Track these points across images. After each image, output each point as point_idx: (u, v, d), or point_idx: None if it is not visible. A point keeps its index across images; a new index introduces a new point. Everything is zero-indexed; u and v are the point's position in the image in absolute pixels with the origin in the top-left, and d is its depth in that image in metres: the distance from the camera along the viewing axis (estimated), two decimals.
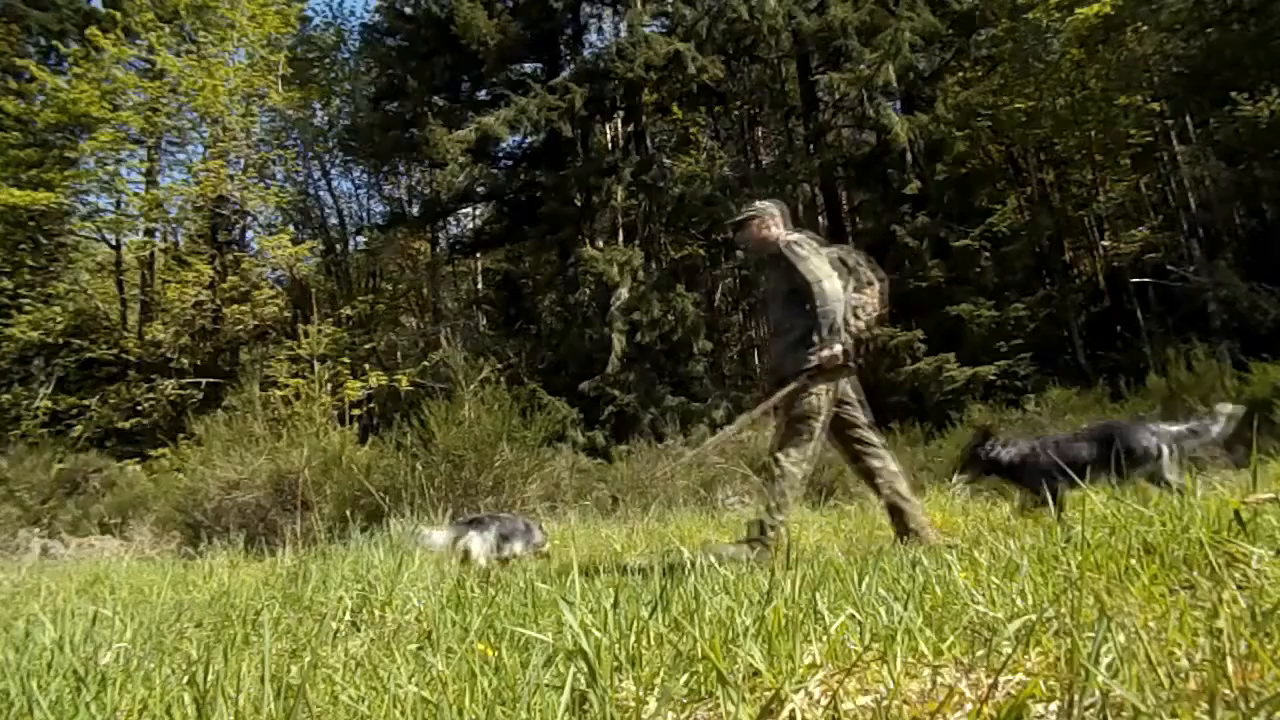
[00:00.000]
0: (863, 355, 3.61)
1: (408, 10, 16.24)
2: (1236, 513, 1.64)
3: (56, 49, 16.01)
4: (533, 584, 2.19)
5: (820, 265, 3.43)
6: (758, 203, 3.82)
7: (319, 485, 7.40)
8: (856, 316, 3.52)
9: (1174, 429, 3.50)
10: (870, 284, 3.62)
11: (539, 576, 2.64)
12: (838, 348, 3.36)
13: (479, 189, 16.91)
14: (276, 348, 15.17)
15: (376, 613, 2.25)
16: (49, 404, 14.22)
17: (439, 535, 3.91)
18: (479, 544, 3.85)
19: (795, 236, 3.58)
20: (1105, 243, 16.30)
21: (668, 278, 15.07)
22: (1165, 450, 3.37)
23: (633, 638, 1.35)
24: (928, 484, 7.19)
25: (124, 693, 1.45)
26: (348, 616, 2.20)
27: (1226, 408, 3.61)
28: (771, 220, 3.68)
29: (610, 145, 16.53)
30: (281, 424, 8.83)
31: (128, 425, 14.27)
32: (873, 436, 3.64)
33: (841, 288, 3.45)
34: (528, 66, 16.52)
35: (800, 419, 3.45)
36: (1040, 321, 14.22)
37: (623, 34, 14.82)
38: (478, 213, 18.93)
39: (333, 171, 19.84)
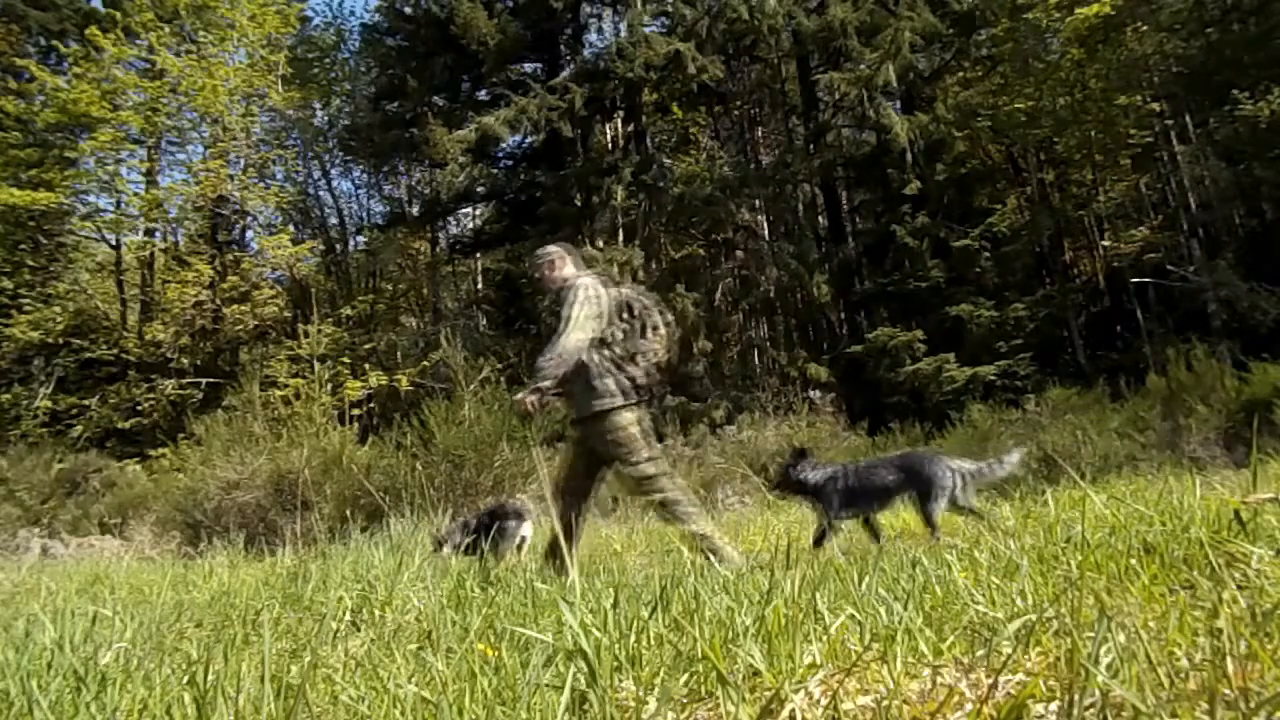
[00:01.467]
0: (651, 399, 3.69)
1: (408, 10, 16.25)
2: (1236, 513, 1.64)
3: (56, 49, 16.01)
4: (532, 584, 2.19)
5: (581, 317, 3.51)
6: (549, 246, 3.90)
7: (319, 485, 7.40)
8: (636, 363, 3.57)
9: (968, 465, 3.74)
10: (656, 329, 3.65)
11: (539, 576, 2.64)
12: (530, 395, 3.47)
13: (479, 189, 16.92)
14: (276, 348, 15.17)
15: (376, 613, 2.24)
16: (49, 404, 14.22)
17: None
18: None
19: (581, 280, 3.66)
20: (1105, 243, 16.30)
21: (668, 278, 15.07)
22: (958, 482, 3.62)
23: (633, 638, 1.35)
24: None
25: (124, 693, 1.45)
26: (348, 616, 2.20)
27: (1015, 455, 3.92)
28: (561, 262, 3.80)
29: (610, 145, 16.53)
30: (281, 424, 8.84)
31: (128, 425, 14.27)
32: (649, 472, 3.64)
33: (585, 337, 3.52)
34: (528, 66, 16.53)
35: (626, 456, 3.52)
36: (1040, 321, 14.22)
37: (623, 34, 14.83)
38: (478, 213, 18.95)
39: (333, 171, 19.85)
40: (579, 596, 1.49)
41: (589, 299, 3.55)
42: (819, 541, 3.59)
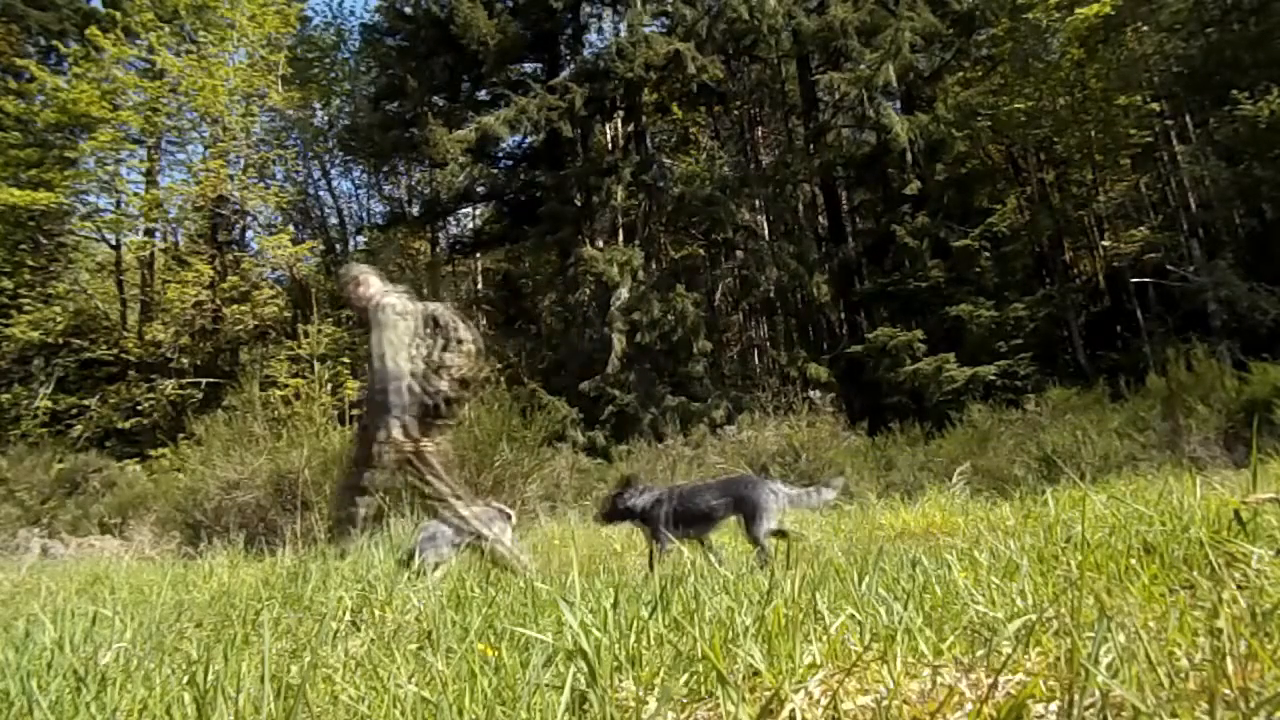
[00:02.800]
0: (455, 413, 3.74)
1: (408, 10, 16.25)
2: (1236, 513, 1.64)
3: (56, 49, 16.01)
4: (533, 584, 2.19)
5: (391, 337, 3.56)
6: (352, 265, 4.02)
7: (319, 485, 7.40)
8: (440, 377, 3.62)
9: (791, 490, 3.85)
10: (461, 343, 3.70)
11: (539, 576, 2.64)
12: (396, 430, 3.49)
13: (479, 189, 16.93)
14: (276, 348, 15.18)
15: (376, 613, 2.24)
16: (49, 404, 14.22)
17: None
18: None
19: (387, 300, 3.70)
20: (1105, 243, 16.31)
21: (668, 278, 15.07)
22: (783, 505, 3.72)
23: (633, 638, 1.35)
24: (927, 484, 7.18)
25: (124, 693, 1.45)
26: (348, 616, 2.20)
27: (839, 481, 4.15)
28: (365, 281, 3.84)
29: (610, 145, 16.53)
30: (281, 424, 8.84)
31: (128, 425, 14.27)
32: (444, 490, 3.71)
33: (404, 360, 3.56)
34: (528, 66, 16.53)
35: (419, 473, 3.59)
36: (1040, 321, 14.23)
37: (623, 34, 14.82)
38: (478, 213, 18.95)
39: (333, 171, 19.88)
40: (579, 596, 1.49)
41: (398, 317, 3.61)
42: (652, 565, 3.64)
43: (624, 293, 13.71)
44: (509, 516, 3.98)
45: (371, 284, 3.82)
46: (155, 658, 1.77)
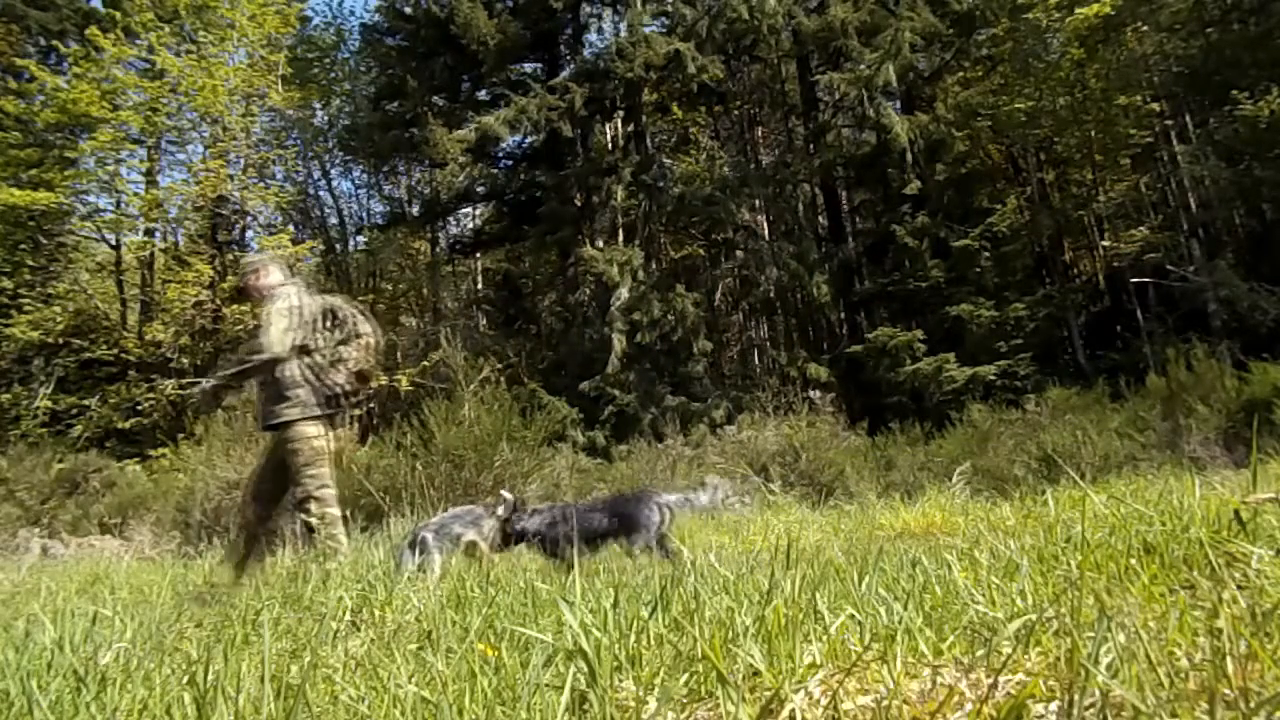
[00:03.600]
0: (351, 406, 3.84)
1: (408, 10, 16.24)
2: (1236, 513, 1.64)
3: (56, 49, 16.00)
4: (533, 584, 2.20)
5: (279, 322, 3.63)
6: (255, 255, 4.11)
7: None
8: (338, 370, 3.67)
9: (673, 498, 3.97)
10: (359, 337, 3.74)
11: (539, 576, 2.64)
12: (285, 409, 3.57)
13: (479, 189, 16.92)
14: None
15: (376, 613, 2.24)
16: (49, 404, 14.21)
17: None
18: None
19: (285, 288, 3.76)
20: (1105, 243, 16.30)
21: (668, 278, 15.07)
22: (667, 517, 3.82)
23: (633, 638, 1.35)
24: (927, 484, 7.18)
25: (124, 693, 1.45)
26: (348, 616, 2.20)
27: (714, 479, 4.26)
28: (266, 271, 3.88)
29: (610, 145, 16.53)
30: None
31: (128, 425, 14.26)
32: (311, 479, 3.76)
33: (288, 344, 3.62)
34: (528, 66, 16.53)
35: (303, 468, 3.66)
36: (1040, 321, 14.22)
37: (623, 34, 14.82)
38: (478, 213, 18.95)
39: (333, 171, 19.87)
40: (579, 596, 1.49)
41: (291, 307, 3.67)
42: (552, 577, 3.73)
43: (624, 293, 13.71)
44: (507, 502, 4.01)
45: (272, 274, 3.86)
46: (155, 658, 1.77)
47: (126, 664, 1.69)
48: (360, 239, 20.32)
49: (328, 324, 3.72)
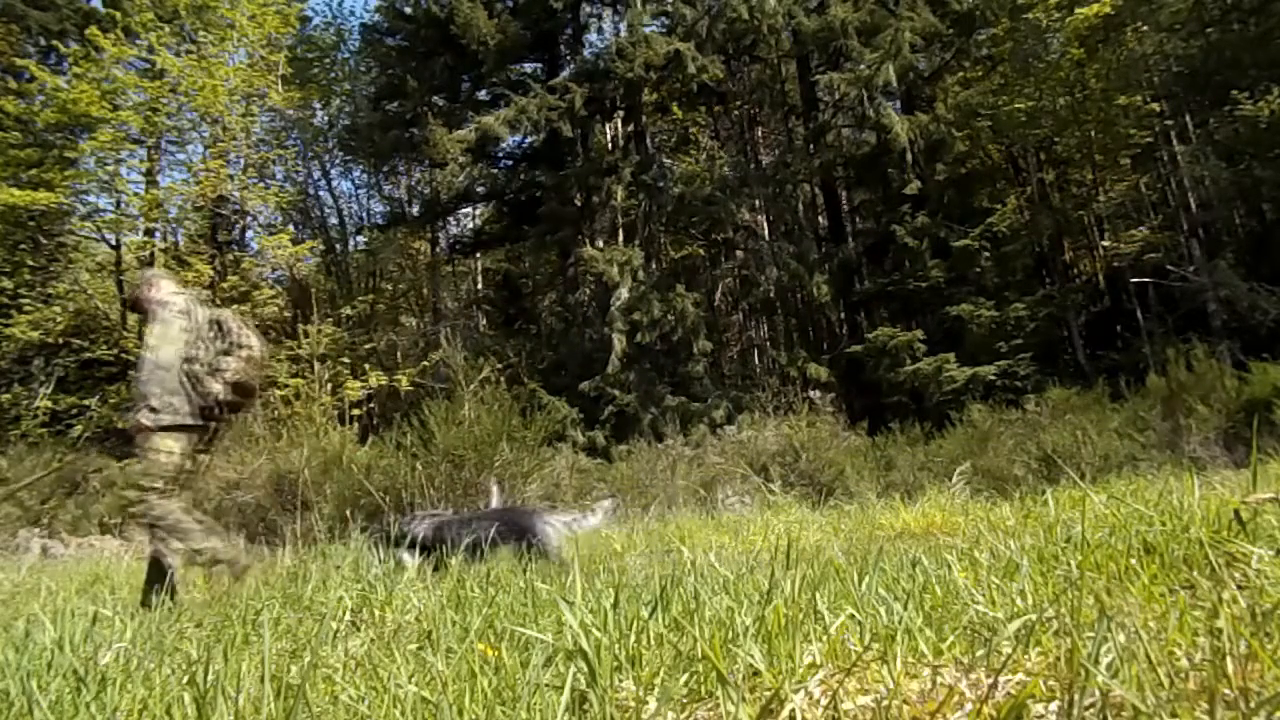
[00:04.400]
0: (229, 418, 3.90)
1: (408, 10, 16.24)
2: (1236, 513, 1.64)
3: (56, 49, 15.99)
4: (533, 584, 2.19)
5: (163, 331, 3.71)
6: (149, 270, 4.17)
7: (319, 485, 7.40)
8: (215, 379, 3.71)
9: (563, 518, 4.05)
10: (242, 349, 3.79)
11: (539, 576, 2.64)
12: (143, 416, 3.62)
13: (479, 189, 16.92)
14: (276, 348, 15.16)
15: (376, 613, 2.24)
16: (49, 404, 14.21)
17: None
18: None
19: (174, 299, 3.83)
20: (1105, 243, 16.30)
21: (668, 278, 15.06)
22: (552, 535, 3.88)
23: (633, 638, 1.35)
24: (927, 484, 7.18)
25: (124, 693, 1.45)
26: (348, 616, 2.20)
27: (605, 503, 4.32)
28: (156, 284, 3.96)
29: (610, 145, 16.53)
30: (281, 424, 8.85)
31: (128, 425, 14.26)
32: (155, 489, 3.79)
33: (172, 354, 3.69)
34: (528, 66, 16.52)
35: (145, 476, 3.69)
36: (1040, 321, 14.22)
37: (623, 34, 14.82)
38: (478, 213, 18.95)
39: (333, 171, 19.85)
40: (579, 596, 1.49)
41: (177, 315, 3.74)
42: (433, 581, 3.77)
43: (624, 293, 13.71)
44: (499, 486, 4.09)
45: (161, 287, 3.93)
46: (155, 658, 1.77)
47: (126, 664, 1.69)
48: (360, 239, 20.32)
49: (213, 335, 3.79)
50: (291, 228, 18.10)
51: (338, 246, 19.05)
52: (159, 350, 3.68)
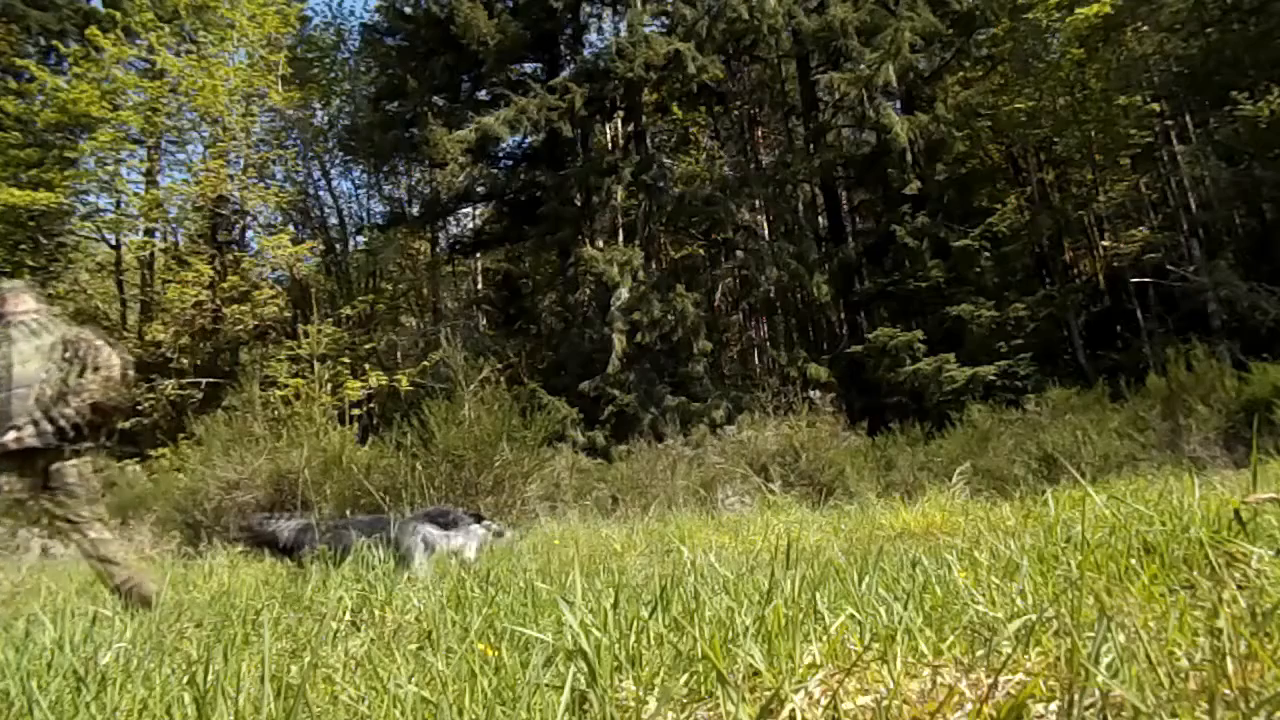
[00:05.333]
0: (91, 437, 3.89)
1: (408, 10, 16.24)
2: (1236, 513, 1.64)
3: (56, 49, 16.00)
4: (533, 584, 2.20)
5: (22, 349, 3.66)
6: (8, 283, 4.02)
7: (319, 485, 7.40)
8: (67, 403, 3.67)
9: (436, 533, 4.04)
10: (99, 369, 3.73)
11: (539, 576, 2.64)
12: (9, 437, 3.58)
13: (479, 189, 16.92)
14: (276, 348, 15.17)
15: (376, 613, 2.24)
16: None
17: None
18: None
19: (28, 316, 3.77)
20: (1105, 243, 16.30)
21: (668, 278, 15.06)
22: (420, 547, 3.89)
23: (633, 638, 1.35)
24: (927, 484, 7.18)
25: (124, 693, 1.45)
26: (348, 616, 2.20)
27: (478, 528, 4.28)
28: (15, 299, 3.89)
29: (610, 145, 16.53)
30: (281, 424, 8.84)
31: (128, 425, 14.26)
32: (82, 515, 3.89)
33: (32, 370, 3.65)
34: (528, 66, 16.52)
35: (57, 515, 3.78)
36: (1040, 321, 14.23)
37: (623, 34, 14.81)
38: (478, 213, 18.93)
39: (333, 171, 19.82)
40: (579, 596, 1.49)
41: (32, 332, 3.71)
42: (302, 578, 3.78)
43: (624, 293, 13.71)
44: (482, 522, 4.11)
45: (22, 302, 3.87)
46: (155, 658, 1.77)
47: (126, 664, 1.69)
48: (360, 239, 20.31)
49: (66, 355, 3.73)
50: (291, 228, 18.10)
51: (338, 246, 19.04)
52: (16, 366, 3.64)
